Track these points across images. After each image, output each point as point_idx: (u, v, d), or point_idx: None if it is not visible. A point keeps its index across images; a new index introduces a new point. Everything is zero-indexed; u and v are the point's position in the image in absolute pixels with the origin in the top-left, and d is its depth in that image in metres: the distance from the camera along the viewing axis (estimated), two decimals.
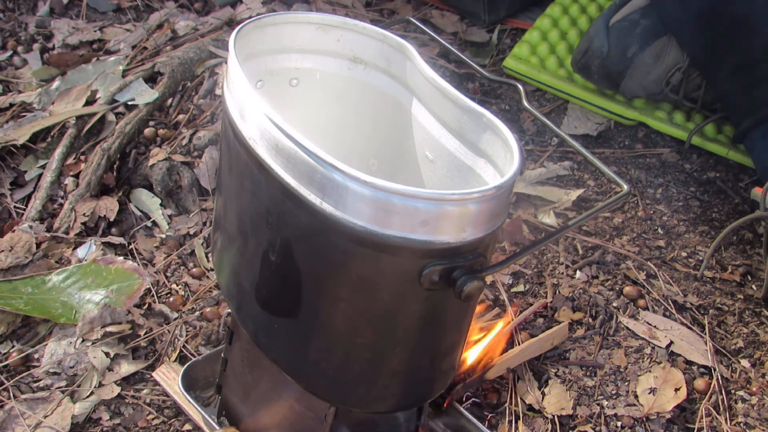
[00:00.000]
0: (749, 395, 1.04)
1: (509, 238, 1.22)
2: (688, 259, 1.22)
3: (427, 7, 1.68)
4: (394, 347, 0.74)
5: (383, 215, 0.63)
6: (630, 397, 1.02)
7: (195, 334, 1.08)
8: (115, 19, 1.66)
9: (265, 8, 1.62)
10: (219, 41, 1.50)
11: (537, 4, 1.67)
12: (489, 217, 0.66)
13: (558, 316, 1.12)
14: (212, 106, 1.38)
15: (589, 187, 1.33)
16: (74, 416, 0.99)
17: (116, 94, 1.39)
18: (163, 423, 0.99)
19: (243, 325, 0.83)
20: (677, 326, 1.11)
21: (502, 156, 0.73)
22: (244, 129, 0.70)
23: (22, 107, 1.41)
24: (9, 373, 1.04)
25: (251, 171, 0.70)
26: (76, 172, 1.28)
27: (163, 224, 1.25)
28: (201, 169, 1.28)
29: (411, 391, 0.80)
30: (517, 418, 1.00)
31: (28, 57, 1.55)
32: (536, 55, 1.50)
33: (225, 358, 0.92)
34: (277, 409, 0.90)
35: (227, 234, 0.80)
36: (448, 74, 1.50)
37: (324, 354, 0.76)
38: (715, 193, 1.34)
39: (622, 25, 1.33)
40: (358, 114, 0.86)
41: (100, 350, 1.05)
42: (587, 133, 1.43)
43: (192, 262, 1.19)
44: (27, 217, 1.23)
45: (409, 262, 0.66)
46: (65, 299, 1.10)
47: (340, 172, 0.63)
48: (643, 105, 1.42)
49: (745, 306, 1.15)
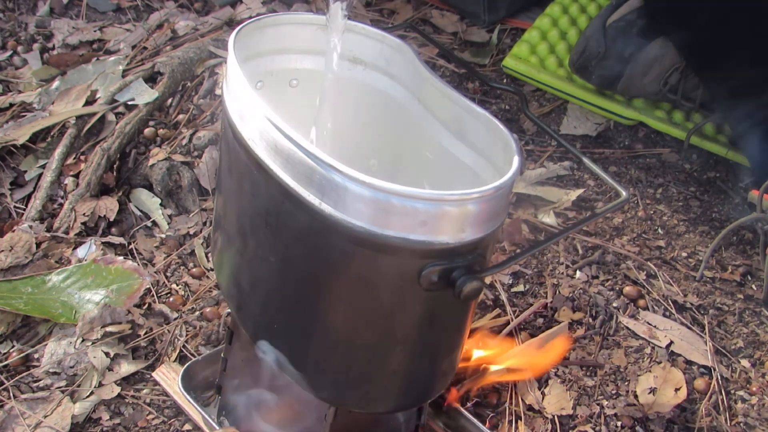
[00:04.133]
0: (749, 395, 1.04)
1: (509, 238, 1.22)
2: (688, 259, 1.22)
3: (427, 7, 1.68)
4: (394, 347, 0.74)
5: (382, 216, 0.63)
6: (630, 397, 1.02)
7: (195, 334, 1.08)
8: (115, 19, 1.66)
9: (265, 8, 1.62)
10: (219, 41, 1.50)
11: (537, 4, 1.66)
12: (488, 217, 0.66)
13: (558, 316, 1.12)
14: (212, 106, 1.38)
15: (589, 187, 1.33)
16: (74, 416, 0.99)
17: (116, 94, 1.39)
18: (163, 423, 0.99)
19: (243, 325, 0.83)
20: (677, 326, 1.11)
21: (501, 156, 0.73)
22: (243, 129, 0.70)
23: (22, 107, 1.41)
24: (9, 373, 1.04)
25: (251, 171, 0.70)
26: (76, 172, 1.28)
27: (163, 224, 1.25)
28: (201, 169, 1.28)
29: (411, 391, 0.80)
30: (518, 418, 1.00)
31: (28, 57, 1.55)
32: (536, 55, 1.50)
33: (225, 358, 0.92)
34: (277, 409, 0.91)
35: (227, 234, 0.81)
36: (448, 74, 1.50)
37: (324, 354, 0.76)
38: (715, 193, 1.34)
39: (619, 26, 1.33)
40: (358, 114, 0.86)
41: (100, 350, 1.05)
42: (587, 134, 1.43)
43: (192, 262, 1.19)
44: (27, 217, 1.23)
45: (408, 262, 0.66)
46: (65, 299, 1.10)
47: (339, 172, 0.63)
48: (642, 105, 1.42)
49: (745, 306, 1.16)
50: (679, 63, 1.33)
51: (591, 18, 1.54)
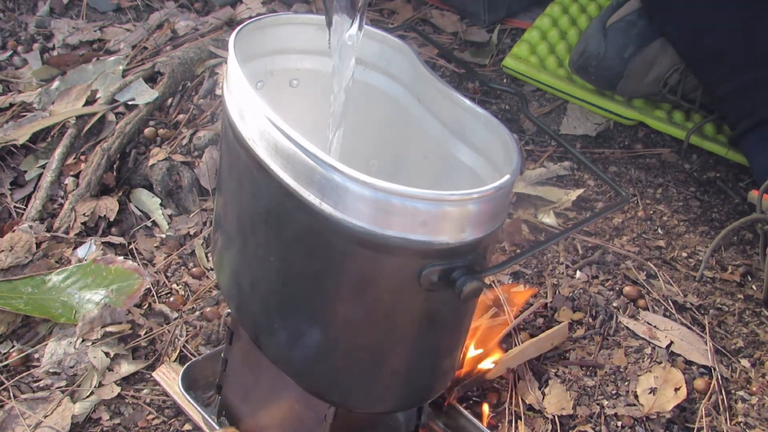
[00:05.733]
0: (749, 395, 1.04)
1: (509, 238, 1.22)
2: (688, 259, 1.22)
3: (427, 7, 1.68)
4: (394, 347, 0.74)
5: (383, 216, 0.63)
6: (630, 397, 1.02)
7: (195, 334, 1.08)
8: (115, 19, 1.66)
9: (265, 8, 1.62)
10: (219, 41, 1.50)
11: (537, 4, 1.67)
12: (488, 217, 0.66)
13: (558, 316, 1.12)
14: (212, 106, 1.38)
15: (589, 187, 1.33)
16: (74, 416, 0.99)
17: (116, 94, 1.39)
18: (163, 423, 1.00)
19: (243, 325, 0.83)
20: (677, 326, 1.11)
21: (501, 156, 0.73)
22: (243, 130, 0.70)
23: (22, 107, 1.41)
24: (9, 373, 1.04)
25: (251, 171, 0.70)
26: (76, 172, 1.28)
27: (163, 224, 1.25)
28: (201, 169, 1.28)
29: (411, 391, 0.80)
30: (518, 418, 1.00)
31: (28, 57, 1.55)
32: (536, 55, 1.50)
33: (225, 358, 0.92)
34: (277, 409, 0.91)
35: (227, 234, 0.81)
36: (448, 74, 1.50)
37: (324, 354, 0.76)
38: (715, 193, 1.34)
39: (619, 26, 1.33)
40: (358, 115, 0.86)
41: (100, 350, 1.05)
42: (587, 134, 1.43)
43: (192, 262, 1.19)
44: (27, 217, 1.23)
45: (408, 262, 0.66)
46: (65, 299, 1.10)
47: (340, 172, 0.63)
48: (642, 105, 1.42)
49: (745, 306, 1.16)
50: (679, 64, 1.33)
51: (591, 18, 1.54)
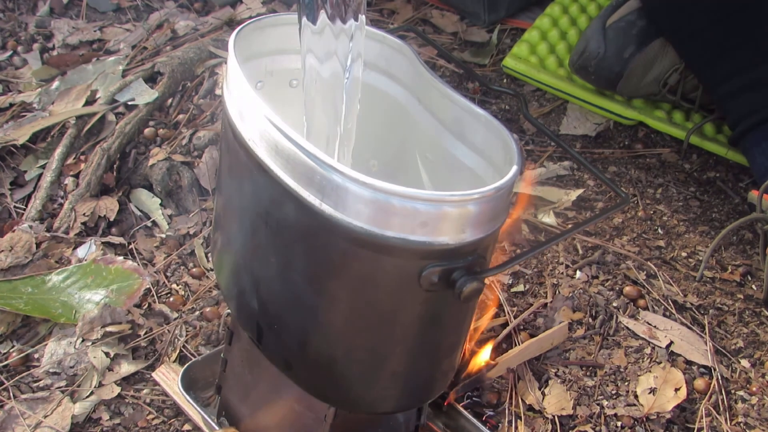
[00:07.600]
0: (749, 395, 1.04)
1: (509, 238, 1.22)
2: (688, 259, 1.22)
3: (427, 7, 1.68)
4: (394, 348, 0.74)
5: (383, 216, 0.63)
6: (630, 397, 1.02)
7: (195, 334, 1.08)
8: (115, 19, 1.66)
9: (265, 8, 1.62)
10: (219, 41, 1.50)
11: (537, 4, 1.67)
12: (488, 218, 0.66)
13: (558, 316, 1.12)
14: (212, 106, 1.38)
15: (589, 187, 1.33)
16: (74, 416, 0.99)
17: (116, 94, 1.39)
18: (163, 423, 1.00)
19: (243, 325, 0.83)
20: (677, 326, 1.11)
21: (501, 156, 0.73)
22: (243, 130, 0.70)
23: (22, 107, 1.41)
24: (9, 373, 1.04)
25: (251, 172, 0.70)
26: (76, 172, 1.29)
27: (163, 224, 1.25)
28: (201, 169, 1.28)
29: (411, 391, 0.80)
30: (517, 418, 1.00)
31: (28, 57, 1.55)
32: (536, 55, 1.50)
33: (225, 359, 0.92)
34: (277, 410, 0.91)
35: (227, 234, 0.81)
36: (448, 74, 1.50)
37: (324, 354, 0.76)
38: (715, 193, 1.34)
39: (619, 26, 1.33)
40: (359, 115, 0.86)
41: (100, 350, 1.05)
42: (586, 134, 1.43)
43: (192, 262, 1.19)
44: (27, 217, 1.23)
45: (408, 263, 0.66)
46: (65, 299, 1.10)
47: (340, 173, 0.63)
48: (642, 104, 1.42)
49: (745, 306, 1.16)
50: (679, 64, 1.33)
51: (591, 18, 1.54)
